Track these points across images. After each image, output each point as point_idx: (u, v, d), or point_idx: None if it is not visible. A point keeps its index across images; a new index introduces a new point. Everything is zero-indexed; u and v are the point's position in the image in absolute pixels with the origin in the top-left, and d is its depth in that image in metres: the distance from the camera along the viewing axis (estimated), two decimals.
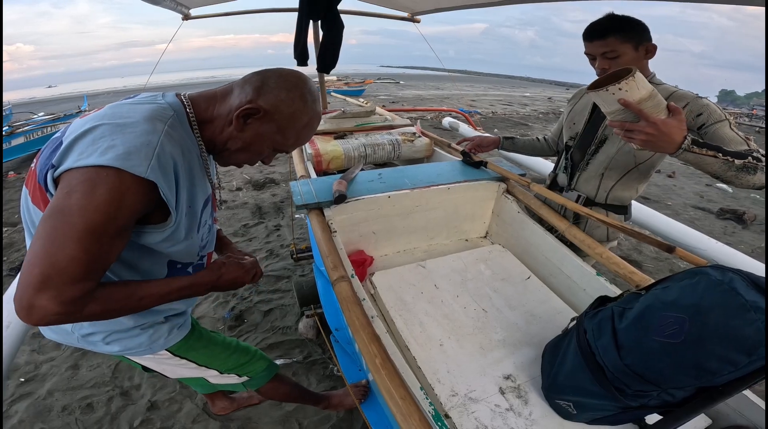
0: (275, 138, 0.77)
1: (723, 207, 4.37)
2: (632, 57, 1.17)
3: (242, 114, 0.72)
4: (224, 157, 0.81)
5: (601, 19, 1.18)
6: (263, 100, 0.73)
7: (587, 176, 1.36)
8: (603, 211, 1.36)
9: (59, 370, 1.88)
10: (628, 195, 1.35)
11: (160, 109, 0.68)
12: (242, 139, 0.76)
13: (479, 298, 1.23)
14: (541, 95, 20.11)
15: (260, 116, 0.73)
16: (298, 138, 0.80)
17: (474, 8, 2.83)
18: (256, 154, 0.80)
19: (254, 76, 0.76)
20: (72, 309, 0.60)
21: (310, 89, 0.77)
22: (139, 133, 0.62)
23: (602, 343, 0.76)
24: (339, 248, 1.11)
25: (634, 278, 1.02)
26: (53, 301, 0.58)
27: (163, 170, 0.63)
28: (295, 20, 2.88)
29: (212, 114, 0.76)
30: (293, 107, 0.74)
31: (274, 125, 0.75)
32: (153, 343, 0.92)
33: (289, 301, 2.36)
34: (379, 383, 0.72)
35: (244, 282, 0.89)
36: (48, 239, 0.58)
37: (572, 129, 1.41)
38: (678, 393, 0.70)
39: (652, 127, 0.90)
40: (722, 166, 0.95)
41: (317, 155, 1.93)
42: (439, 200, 1.51)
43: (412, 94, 17.18)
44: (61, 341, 0.90)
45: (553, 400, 0.90)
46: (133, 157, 0.59)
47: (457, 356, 1.02)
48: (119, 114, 0.65)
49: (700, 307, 0.62)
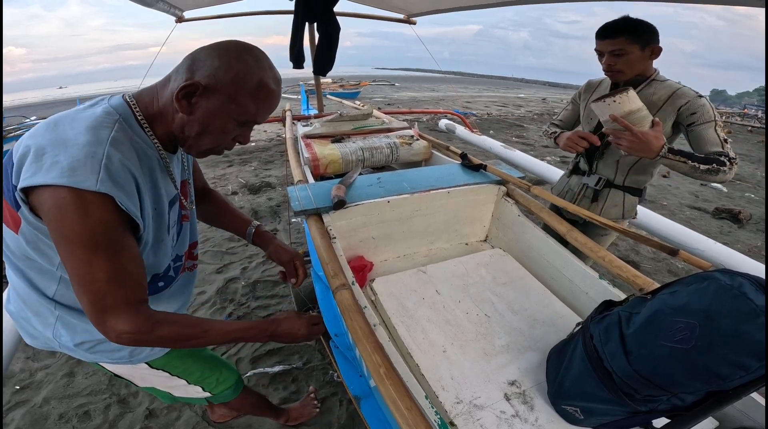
0: (230, 109, 0.71)
1: (718, 206, 4.39)
2: (638, 56, 1.29)
3: (182, 95, 0.68)
4: (191, 145, 0.76)
5: (616, 20, 1.30)
6: (199, 75, 0.69)
7: (605, 162, 1.54)
8: (621, 192, 1.54)
9: (55, 378, 1.86)
10: (643, 178, 1.51)
11: (103, 115, 0.66)
12: (196, 121, 0.71)
13: (481, 302, 1.22)
14: (535, 96, 20.21)
15: (202, 92, 0.69)
16: (258, 102, 0.73)
17: (469, 10, 2.84)
18: (221, 133, 0.75)
19: (185, 58, 0.72)
20: (145, 327, 0.67)
21: (247, 49, 0.72)
22: (82, 145, 0.60)
23: (610, 349, 0.75)
24: (339, 255, 1.09)
25: (638, 282, 1.01)
26: (123, 323, 0.66)
27: (116, 181, 0.61)
28: (290, 23, 2.88)
29: (158, 107, 0.73)
30: (233, 71, 0.69)
31: (221, 96, 0.70)
32: (134, 357, 0.91)
33: (288, 306, 2.34)
34: (383, 393, 0.71)
35: (304, 337, 0.91)
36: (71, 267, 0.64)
37: (590, 123, 1.56)
38: (688, 397, 0.69)
39: (634, 136, 1.16)
40: (690, 169, 1.19)
41: (314, 159, 1.92)
42: (439, 204, 1.50)
43: (408, 95, 17.20)
44: (42, 347, 0.88)
45: (559, 405, 0.89)
46: (78, 172, 0.58)
47: (461, 362, 1.01)
48: (61, 125, 0.63)
49: (710, 313, 0.61)
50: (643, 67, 1.33)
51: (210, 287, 2.54)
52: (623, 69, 1.32)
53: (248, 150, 6.47)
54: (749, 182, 5.86)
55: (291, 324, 0.89)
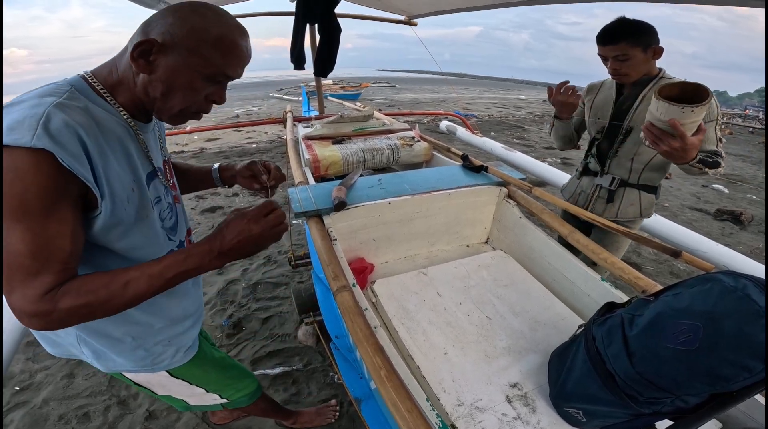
0: (193, 62, 0.67)
1: (720, 208, 4.38)
2: (641, 59, 1.31)
3: (137, 53, 0.64)
4: (160, 109, 0.71)
5: (614, 24, 1.31)
6: (154, 33, 0.65)
7: (618, 161, 1.51)
8: (636, 190, 1.51)
9: (54, 379, 1.86)
10: (658, 176, 1.49)
11: (53, 86, 0.64)
12: (158, 80, 0.67)
13: (482, 304, 1.21)
14: (536, 98, 20.21)
15: (159, 49, 0.65)
16: (223, 53, 0.68)
17: (470, 11, 2.84)
18: (189, 91, 0.69)
19: (140, 25, 0.69)
20: (43, 307, 0.57)
21: (204, 4, 0.69)
22: (24, 109, 0.57)
23: (612, 351, 0.75)
24: (339, 256, 1.09)
25: (640, 283, 1.01)
26: (22, 301, 0.57)
27: (54, 137, 0.55)
28: (291, 25, 2.88)
29: (118, 76, 0.69)
30: (188, 23, 0.65)
31: (181, 50, 0.65)
32: (156, 365, 0.90)
33: (288, 308, 2.33)
34: (384, 396, 0.70)
35: (261, 236, 0.71)
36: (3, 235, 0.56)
37: (598, 123, 1.54)
38: (691, 399, 0.69)
39: (681, 144, 1.06)
40: (699, 173, 1.20)
41: (315, 161, 1.92)
42: (440, 206, 1.49)
43: (408, 97, 17.21)
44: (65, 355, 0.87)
45: (561, 407, 0.88)
46: (15, 131, 0.54)
47: (462, 365, 1.00)
48: (14, 100, 0.60)
49: (714, 314, 0.61)
50: (647, 68, 1.36)
51: (211, 289, 2.54)
52: (629, 72, 1.35)
53: (249, 151, 6.48)
54: (751, 184, 5.85)
55: (237, 228, 0.69)
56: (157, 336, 0.87)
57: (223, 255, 0.69)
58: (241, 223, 0.70)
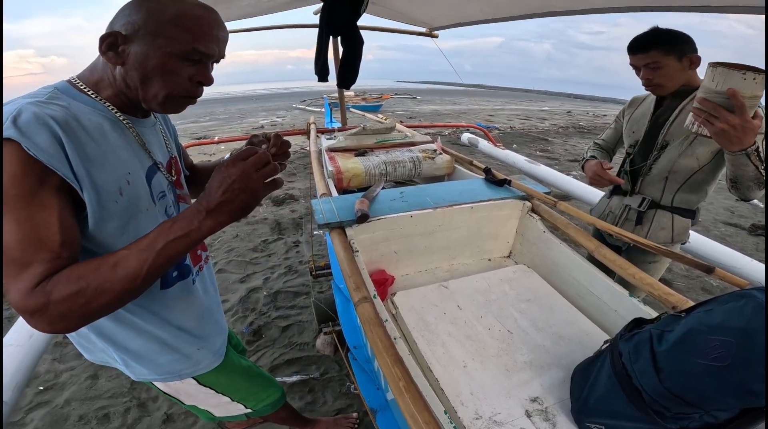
0: (159, 44, 0.67)
1: (755, 223, 4.20)
2: (676, 68, 1.22)
3: (105, 47, 0.66)
4: (144, 98, 0.72)
5: (646, 33, 1.23)
6: (117, 26, 0.67)
7: (651, 180, 1.40)
8: (669, 213, 1.39)
9: (78, 380, 1.91)
10: (696, 198, 1.37)
11: (39, 89, 0.67)
12: (133, 68, 0.68)
13: (504, 319, 1.20)
14: (560, 109, 19.92)
15: (124, 39, 0.66)
16: (188, 29, 0.68)
17: (491, 23, 2.84)
18: (167, 74, 0.69)
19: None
20: (37, 300, 0.56)
21: None
22: (4, 109, 0.59)
23: (639, 366, 0.73)
24: (361, 268, 1.09)
25: (670, 299, 0.98)
26: (17, 296, 0.56)
27: (21, 129, 0.56)
28: (314, 36, 2.94)
29: (98, 73, 0.72)
30: (144, 8, 0.66)
31: (145, 36, 0.66)
32: (183, 372, 0.92)
33: (307, 317, 2.35)
34: (402, 407, 0.70)
35: (242, 180, 0.64)
36: None
37: (632, 137, 1.45)
38: (722, 415, 0.67)
39: (741, 121, 0.92)
40: (754, 175, 1.05)
41: (338, 172, 1.94)
42: (462, 219, 1.49)
43: (429, 109, 17.25)
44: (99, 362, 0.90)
45: (583, 423, 0.86)
46: None
47: (481, 378, 0.99)
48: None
49: (748, 330, 0.59)
50: (685, 78, 1.25)
51: (233, 296, 2.59)
52: (662, 83, 1.25)
53: None
54: None
55: (218, 179, 0.65)
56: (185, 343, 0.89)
57: (213, 212, 0.64)
58: (221, 173, 0.65)
